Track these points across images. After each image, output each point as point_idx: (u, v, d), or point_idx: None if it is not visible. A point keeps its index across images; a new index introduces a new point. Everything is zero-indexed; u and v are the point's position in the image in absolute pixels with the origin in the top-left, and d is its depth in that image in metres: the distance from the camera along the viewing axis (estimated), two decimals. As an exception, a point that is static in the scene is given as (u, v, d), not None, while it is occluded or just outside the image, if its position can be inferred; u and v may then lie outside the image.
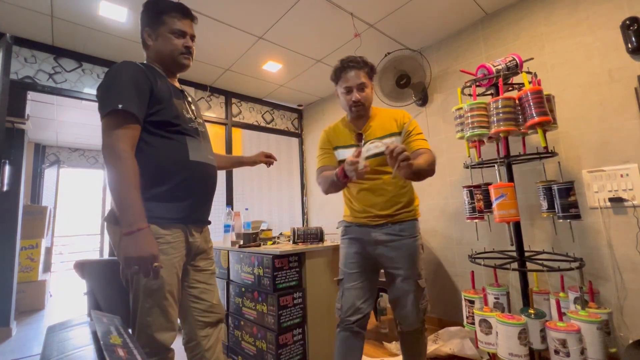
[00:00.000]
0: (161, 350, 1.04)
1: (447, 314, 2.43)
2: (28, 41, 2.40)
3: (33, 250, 3.59)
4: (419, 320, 1.36)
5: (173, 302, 1.06)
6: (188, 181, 1.09)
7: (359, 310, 1.35)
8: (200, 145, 1.16)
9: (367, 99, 1.38)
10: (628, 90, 1.73)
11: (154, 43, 1.14)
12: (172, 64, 1.16)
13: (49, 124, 4.37)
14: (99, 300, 1.65)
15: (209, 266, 1.24)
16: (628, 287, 1.68)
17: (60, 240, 6.45)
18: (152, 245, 0.93)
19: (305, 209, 4.02)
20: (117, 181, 0.93)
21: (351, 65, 1.36)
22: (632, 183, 1.68)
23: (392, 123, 1.40)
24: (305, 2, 2.11)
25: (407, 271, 1.33)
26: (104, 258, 3.17)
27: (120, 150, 0.95)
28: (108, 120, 0.98)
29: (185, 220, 1.10)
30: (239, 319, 1.91)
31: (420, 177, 1.24)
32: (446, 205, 2.50)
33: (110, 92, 1.00)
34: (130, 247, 0.89)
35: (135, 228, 0.90)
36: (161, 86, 1.08)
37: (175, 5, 1.14)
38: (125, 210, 0.92)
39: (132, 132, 0.99)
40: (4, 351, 2.28)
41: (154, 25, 1.13)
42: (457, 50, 2.51)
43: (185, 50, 1.15)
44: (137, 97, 1.00)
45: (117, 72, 1.02)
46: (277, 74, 3.15)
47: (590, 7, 1.87)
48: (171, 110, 1.08)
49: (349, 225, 1.46)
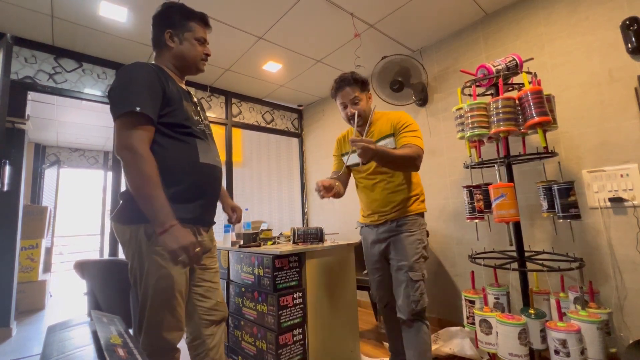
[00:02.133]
0: (168, 349, 1.05)
1: (447, 314, 2.43)
2: (28, 41, 2.41)
3: (33, 250, 3.59)
4: (410, 311, 1.43)
5: (181, 301, 1.08)
6: (198, 183, 1.12)
7: (382, 298, 1.64)
8: (209, 147, 1.19)
9: (362, 110, 1.53)
10: (628, 90, 1.73)
11: (178, 46, 1.16)
12: (191, 68, 1.21)
13: (49, 124, 4.37)
14: (99, 300, 1.65)
15: (213, 264, 1.27)
16: (628, 287, 1.68)
17: (60, 240, 6.44)
18: (189, 235, 0.98)
19: (305, 209, 4.02)
20: (143, 183, 0.95)
21: (343, 84, 1.53)
22: (632, 183, 1.68)
23: (388, 126, 1.53)
24: (305, 2, 2.11)
25: (400, 262, 1.47)
26: (104, 258, 3.18)
27: (143, 152, 0.97)
28: (124, 122, 0.98)
29: (195, 220, 1.12)
30: (239, 319, 1.91)
31: (395, 166, 1.41)
32: (446, 205, 2.50)
33: (125, 93, 1.00)
34: (171, 242, 0.94)
35: (168, 225, 0.94)
36: (172, 88, 1.10)
37: (200, 13, 1.21)
38: (157, 211, 0.95)
39: (149, 134, 1.01)
40: (4, 351, 2.28)
41: (179, 28, 1.16)
42: (457, 50, 2.51)
43: (205, 57, 1.22)
44: (151, 99, 1.02)
45: (131, 73, 1.03)
46: (277, 74, 3.16)
47: (591, 7, 1.87)
48: (182, 112, 1.11)
49: (362, 227, 1.70)
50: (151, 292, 1.02)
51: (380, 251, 1.57)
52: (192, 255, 0.97)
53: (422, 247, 1.49)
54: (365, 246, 1.68)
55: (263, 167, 3.85)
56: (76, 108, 3.83)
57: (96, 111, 3.91)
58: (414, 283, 1.43)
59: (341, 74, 1.58)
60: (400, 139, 1.47)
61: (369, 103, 1.60)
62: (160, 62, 1.18)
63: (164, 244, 0.95)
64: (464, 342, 1.91)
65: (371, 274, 1.66)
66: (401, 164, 1.39)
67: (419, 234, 1.50)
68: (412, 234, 1.49)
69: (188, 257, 0.97)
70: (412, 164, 1.40)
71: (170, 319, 1.04)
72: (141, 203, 0.97)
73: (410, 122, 1.50)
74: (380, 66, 2.51)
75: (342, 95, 1.54)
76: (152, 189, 0.95)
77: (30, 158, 5.03)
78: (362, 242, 1.71)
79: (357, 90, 1.53)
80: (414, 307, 1.43)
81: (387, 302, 1.62)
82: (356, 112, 1.48)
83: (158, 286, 1.02)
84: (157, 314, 1.03)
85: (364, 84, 1.56)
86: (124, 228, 1.06)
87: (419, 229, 1.51)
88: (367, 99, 1.59)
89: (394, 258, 1.51)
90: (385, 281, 1.60)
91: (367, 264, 1.68)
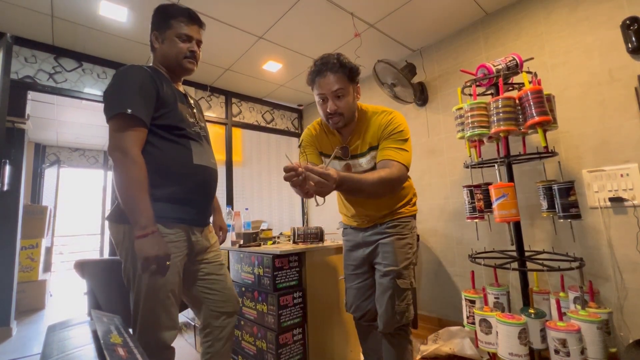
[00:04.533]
0: (163, 348, 1.06)
1: (447, 314, 2.43)
2: (28, 41, 2.40)
3: (33, 250, 3.59)
4: (394, 323, 1.25)
5: (174, 301, 1.09)
6: (192, 184, 1.13)
7: (360, 307, 1.40)
8: (203, 149, 1.20)
9: (346, 108, 1.19)
10: (628, 90, 1.73)
11: (161, 46, 1.17)
12: (176, 67, 1.18)
13: (49, 124, 4.37)
14: (99, 299, 1.65)
15: (216, 258, 1.28)
16: (628, 287, 1.68)
17: (60, 240, 6.45)
18: (165, 245, 0.98)
19: (305, 209, 4.02)
20: (129, 185, 0.96)
21: (324, 69, 1.16)
22: (632, 183, 1.68)
23: (375, 133, 1.24)
24: (305, 1, 2.11)
25: (387, 267, 1.27)
26: (104, 258, 3.17)
27: (134, 155, 0.98)
28: (116, 123, 1.00)
29: (188, 221, 1.13)
30: (239, 318, 1.91)
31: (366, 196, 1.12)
32: (446, 205, 2.50)
33: (118, 95, 1.02)
34: (146, 249, 0.94)
35: (149, 231, 0.95)
36: (166, 90, 1.11)
37: (183, 10, 1.17)
38: (139, 214, 0.95)
39: (141, 135, 1.03)
40: (4, 351, 2.28)
41: (161, 28, 1.16)
42: (457, 50, 2.51)
43: (190, 55, 1.17)
44: (144, 101, 1.03)
45: (124, 75, 1.05)
46: (277, 73, 3.15)
47: (591, 6, 1.87)
48: (176, 114, 1.11)
49: (346, 227, 1.50)
50: (144, 292, 1.03)
51: (365, 255, 1.36)
52: (163, 267, 0.96)
53: (412, 253, 1.32)
54: (346, 249, 1.46)
55: (263, 167, 3.84)
56: (76, 108, 3.83)
57: (96, 111, 3.90)
58: (401, 292, 1.25)
59: (323, 54, 1.20)
60: (381, 151, 1.20)
61: (356, 99, 1.24)
62: (155, 64, 1.19)
63: (139, 249, 0.94)
64: (464, 341, 1.91)
65: (349, 280, 1.44)
66: (373, 193, 1.11)
67: (410, 238, 1.32)
68: (403, 237, 1.30)
69: (160, 268, 0.96)
70: (389, 190, 1.15)
71: (164, 319, 1.05)
72: (125, 204, 0.97)
73: (401, 129, 1.20)
74: (380, 67, 2.50)
75: (322, 84, 1.16)
76: (138, 191, 0.96)
77: (30, 158, 5.03)
78: (344, 245, 1.49)
79: (343, 79, 1.16)
80: (398, 319, 1.24)
81: (364, 313, 1.39)
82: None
83: (151, 285, 1.02)
84: (150, 313, 1.03)
85: (353, 72, 1.19)
86: (118, 227, 1.06)
87: (410, 233, 1.34)
88: (355, 93, 1.23)
89: (381, 263, 1.29)
90: (364, 289, 1.38)
91: (345, 269, 1.46)
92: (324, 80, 1.17)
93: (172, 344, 1.09)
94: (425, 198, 2.62)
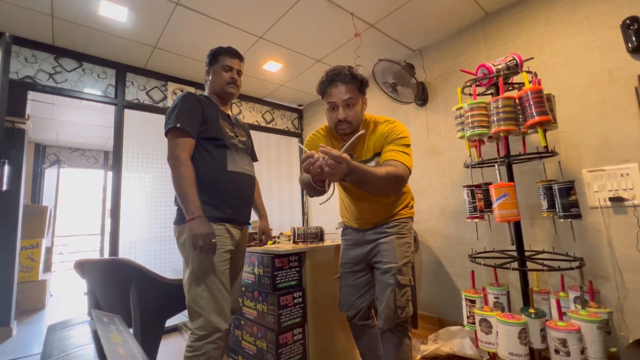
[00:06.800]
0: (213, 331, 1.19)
1: (447, 314, 2.43)
2: (28, 41, 2.40)
3: (33, 250, 3.59)
4: (394, 319, 1.28)
5: (222, 288, 1.24)
6: (226, 187, 1.33)
7: (353, 305, 1.45)
8: (239, 157, 1.42)
9: (355, 117, 1.27)
10: (628, 90, 1.73)
11: (210, 78, 1.45)
12: (221, 93, 1.44)
13: (49, 124, 4.37)
14: (99, 299, 1.65)
15: (241, 257, 1.48)
16: (628, 287, 1.68)
17: (60, 240, 6.45)
18: (210, 226, 1.20)
19: (305, 209, 4.02)
20: (179, 181, 1.21)
21: (337, 80, 1.25)
22: (633, 182, 1.68)
23: (379, 140, 1.32)
24: (305, 1, 2.11)
25: (388, 265, 1.31)
26: (104, 258, 3.17)
27: (183, 158, 1.24)
28: (170, 136, 1.28)
29: (226, 220, 1.31)
30: (239, 318, 1.91)
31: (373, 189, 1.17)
32: (446, 204, 2.50)
33: (171, 115, 1.29)
34: (195, 228, 1.16)
35: (196, 215, 1.18)
36: (210, 111, 1.37)
37: (227, 48, 1.46)
38: (189, 203, 1.19)
39: (189, 142, 1.28)
40: (4, 351, 2.28)
41: (211, 64, 1.45)
42: (457, 50, 2.51)
43: (231, 81, 1.43)
44: (190, 118, 1.29)
45: (178, 100, 1.32)
46: (277, 73, 3.15)
47: (591, 6, 1.87)
48: (217, 128, 1.36)
49: (346, 227, 1.56)
50: (195, 275, 1.22)
51: (364, 253, 1.42)
52: (207, 242, 1.16)
53: (410, 252, 1.37)
54: (344, 247, 1.51)
55: (263, 167, 3.84)
56: (76, 108, 3.83)
57: (96, 111, 3.90)
58: (402, 288, 1.29)
59: (335, 66, 1.30)
60: (385, 152, 1.26)
61: (363, 109, 1.34)
62: (208, 93, 1.48)
63: (189, 229, 1.17)
64: (464, 341, 1.91)
65: (344, 278, 1.48)
66: (379, 188, 1.15)
67: (408, 238, 1.39)
68: (402, 236, 1.36)
69: (204, 244, 1.16)
70: (394, 187, 1.20)
71: (212, 303, 1.21)
72: (178, 198, 1.23)
73: (403, 136, 1.29)
74: (380, 67, 2.51)
75: (334, 93, 1.26)
76: (186, 186, 1.20)
77: (30, 158, 5.03)
78: (342, 243, 1.53)
79: (353, 90, 1.26)
80: (399, 313, 1.27)
81: (357, 312, 1.43)
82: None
83: (200, 269, 1.21)
84: (201, 297, 1.20)
85: (363, 84, 1.29)
86: (177, 228, 1.31)
87: (409, 233, 1.40)
88: (363, 104, 1.33)
89: (381, 261, 1.33)
90: (359, 286, 1.43)
91: (341, 267, 1.50)
92: (335, 89, 1.26)
93: (222, 328, 1.21)
94: (425, 198, 2.62)
